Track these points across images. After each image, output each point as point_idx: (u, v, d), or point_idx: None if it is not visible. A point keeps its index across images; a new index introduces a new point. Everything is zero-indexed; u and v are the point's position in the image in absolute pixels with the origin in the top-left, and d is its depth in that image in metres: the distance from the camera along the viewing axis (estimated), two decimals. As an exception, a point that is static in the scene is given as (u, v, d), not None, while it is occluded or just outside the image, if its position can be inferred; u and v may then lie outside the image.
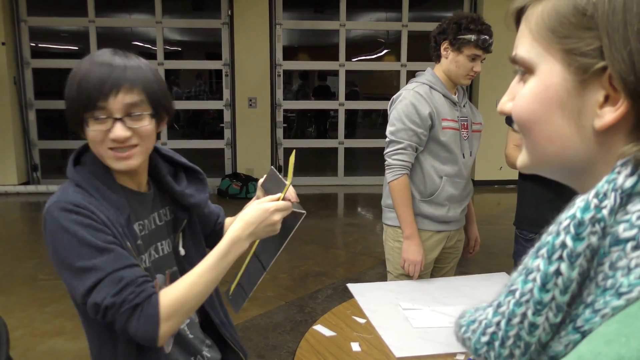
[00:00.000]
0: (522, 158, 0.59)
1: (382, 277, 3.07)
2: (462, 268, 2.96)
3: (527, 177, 2.39)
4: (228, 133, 7.63)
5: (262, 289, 3.82)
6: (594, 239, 0.46)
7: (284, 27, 7.54)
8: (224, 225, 1.51)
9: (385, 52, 10.45)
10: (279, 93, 7.59)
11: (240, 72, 7.33)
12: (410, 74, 2.66)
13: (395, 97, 2.26)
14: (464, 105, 2.29)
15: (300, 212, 1.20)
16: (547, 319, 0.48)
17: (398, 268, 2.26)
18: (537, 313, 0.48)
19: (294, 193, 1.22)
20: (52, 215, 1.09)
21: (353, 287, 2.08)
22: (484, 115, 2.37)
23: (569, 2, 0.50)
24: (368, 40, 10.29)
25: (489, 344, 0.53)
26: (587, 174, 0.51)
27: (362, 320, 1.80)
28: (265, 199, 1.18)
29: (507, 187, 7.29)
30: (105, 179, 1.15)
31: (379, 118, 10.94)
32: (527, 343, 0.50)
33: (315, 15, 8.16)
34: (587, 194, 0.48)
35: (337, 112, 8.04)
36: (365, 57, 10.30)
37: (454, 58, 2.15)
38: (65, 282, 1.10)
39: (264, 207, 1.15)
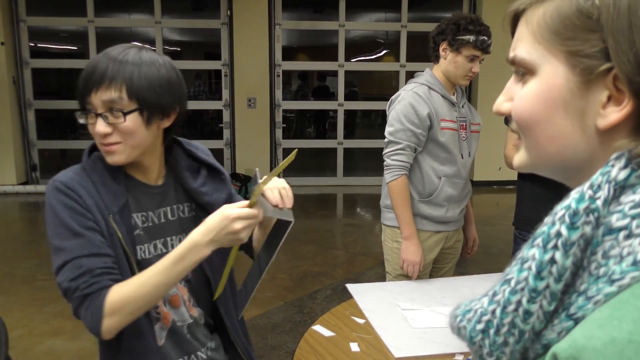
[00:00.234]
0: (520, 157, 0.59)
1: (381, 277, 3.07)
2: (460, 268, 2.97)
3: (526, 177, 2.40)
4: (227, 133, 7.64)
5: (261, 289, 3.81)
6: (588, 229, 0.48)
7: (283, 27, 7.54)
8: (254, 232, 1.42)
9: (385, 52, 10.45)
10: (278, 93, 7.59)
11: (240, 72, 7.33)
12: (410, 75, 2.67)
13: (394, 97, 2.26)
14: (463, 106, 2.29)
15: (287, 220, 1.12)
16: (541, 307, 0.49)
17: (397, 268, 2.26)
18: (531, 301, 0.49)
19: (288, 197, 1.15)
20: (48, 192, 1.16)
21: (352, 287, 2.08)
22: (483, 116, 2.38)
23: (573, 4, 0.51)
24: (367, 41, 10.29)
25: (484, 332, 0.54)
26: (585, 172, 0.52)
27: (361, 321, 1.80)
28: (233, 205, 1.12)
29: (506, 187, 7.30)
30: (112, 167, 1.18)
31: (378, 118, 10.93)
32: (521, 331, 0.51)
33: (315, 16, 8.17)
34: (581, 186, 0.49)
35: (336, 112, 8.04)
36: (365, 57, 10.30)
37: (453, 59, 2.16)
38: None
39: (226, 213, 1.08)
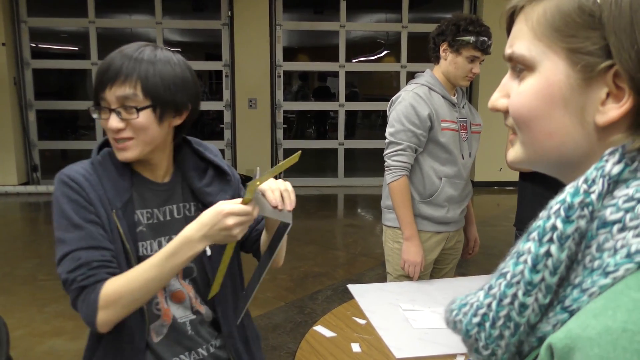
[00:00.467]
0: (515, 153, 0.60)
1: (381, 278, 3.07)
2: (461, 269, 2.97)
3: (527, 178, 2.39)
4: (228, 134, 7.64)
5: (261, 290, 3.81)
6: (583, 223, 0.49)
7: (284, 28, 7.55)
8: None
9: (385, 53, 10.45)
10: (279, 94, 7.60)
11: (240, 73, 7.33)
12: (410, 75, 2.67)
13: (395, 98, 2.26)
14: (463, 107, 2.30)
15: (285, 222, 1.11)
16: (536, 300, 0.50)
17: (398, 269, 2.26)
18: (527, 293, 0.50)
19: (289, 198, 1.13)
20: (55, 184, 1.18)
21: (353, 287, 2.08)
22: (484, 117, 2.38)
23: (574, 2, 0.51)
24: (368, 42, 10.29)
25: (480, 325, 0.54)
26: (581, 168, 0.53)
27: (362, 321, 1.80)
28: (229, 201, 1.11)
29: (506, 188, 7.30)
30: (119, 163, 1.20)
31: (379, 119, 10.93)
32: (516, 324, 0.51)
33: (315, 17, 8.17)
34: (576, 181, 0.50)
35: (337, 113, 8.05)
36: (365, 58, 10.31)
37: (453, 59, 2.16)
38: None
39: (219, 208, 1.07)
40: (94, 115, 1.17)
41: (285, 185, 1.15)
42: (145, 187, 1.24)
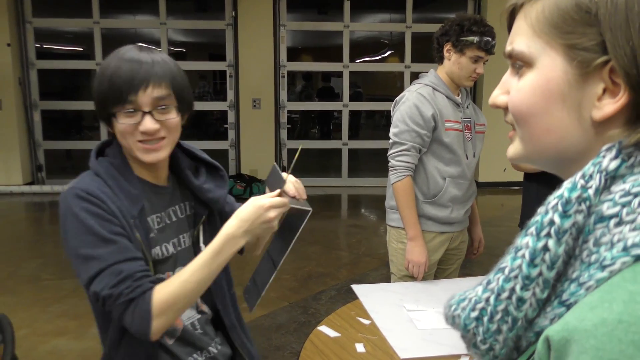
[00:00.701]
0: (514, 149, 0.61)
1: (385, 278, 3.06)
2: (465, 270, 2.96)
3: (531, 178, 2.39)
4: (232, 134, 7.65)
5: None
6: (580, 217, 0.49)
7: (288, 28, 7.55)
8: None
9: (389, 53, 10.44)
10: (283, 94, 7.60)
11: (244, 73, 7.34)
12: (414, 75, 2.67)
13: (399, 98, 2.26)
14: (467, 107, 2.29)
15: (306, 209, 1.17)
16: (534, 295, 0.51)
17: (402, 269, 2.26)
18: (524, 288, 0.51)
19: (302, 189, 1.20)
20: (66, 201, 1.13)
21: (357, 288, 2.08)
22: (488, 117, 2.37)
23: None
24: (372, 42, 10.29)
25: (478, 320, 0.55)
26: (579, 164, 0.53)
27: (366, 322, 1.80)
28: (262, 196, 1.17)
29: (511, 188, 7.28)
30: (123, 171, 1.19)
31: (383, 119, 10.92)
32: (514, 318, 0.52)
33: (319, 17, 8.18)
34: (574, 176, 0.51)
35: (340, 113, 8.04)
36: (369, 58, 10.30)
37: (457, 60, 2.15)
38: (73, 267, 1.14)
39: (259, 203, 1.13)
40: (124, 121, 1.13)
41: (293, 178, 1.21)
42: (151, 192, 1.24)
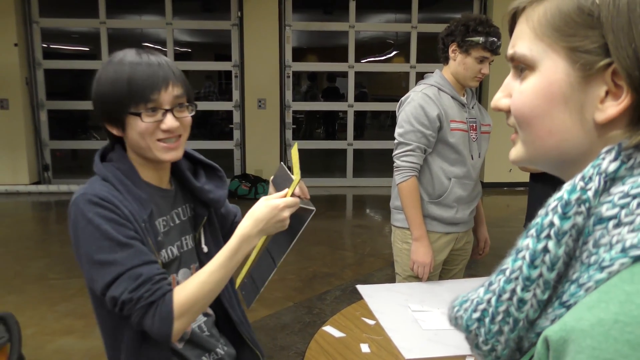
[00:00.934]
0: (517, 151, 0.61)
1: (390, 278, 3.06)
2: (470, 270, 2.95)
3: (537, 178, 2.39)
4: (237, 134, 7.66)
5: (270, 290, 3.83)
6: (580, 219, 0.50)
7: (294, 28, 7.55)
8: None
9: (395, 53, 10.43)
10: (288, 94, 7.60)
11: (250, 73, 7.35)
12: (420, 76, 2.66)
13: (404, 99, 2.26)
14: (473, 107, 2.29)
15: (310, 208, 1.20)
16: (534, 295, 0.51)
17: (407, 270, 2.26)
18: (525, 289, 0.51)
19: (305, 189, 1.23)
20: (77, 207, 1.12)
21: (362, 288, 2.08)
22: (493, 117, 2.37)
23: (573, 2, 0.53)
24: (377, 42, 10.28)
25: (480, 321, 0.55)
26: (581, 166, 0.53)
27: (371, 322, 1.80)
28: (273, 196, 1.19)
29: (516, 189, 7.26)
30: (131, 175, 1.19)
31: (388, 119, 10.91)
32: (515, 319, 0.52)
33: (325, 17, 8.17)
34: (574, 178, 0.51)
35: (346, 113, 8.04)
36: (374, 58, 10.29)
37: (462, 60, 2.15)
38: (85, 272, 1.14)
39: (273, 203, 1.16)
40: (148, 119, 1.14)
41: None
42: (157, 195, 1.25)
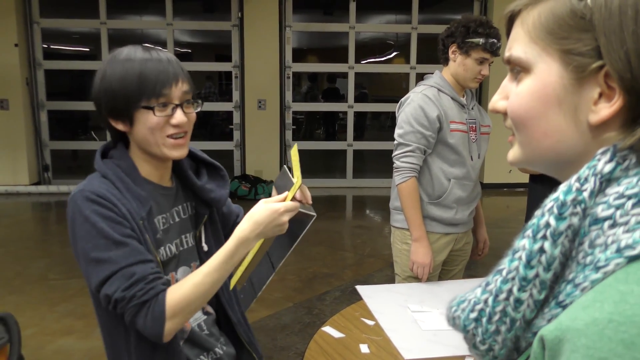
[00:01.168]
0: (514, 153, 0.62)
1: (390, 279, 3.06)
2: (470, 271, 2.96)
3: (536, 179, 2.39)
4: (237, 135, 7.66)
5: (270, 290, 3.83)
6: (575, 220, 0.50)
7: (294, 29, 7.56)
8: None
9: (395, 54, 10.44)
10: (288, 95, 7.61)
11: (250, 74, 7.36)
12: (420, 77, 2.67)
13: (404, 100, 2.26)
14: (473, 108, 2.29)
15: (311, 214, 1.19)
16: (531, 296, 0.52)
17: (406, 270, 2.26)
18: (522, 289, 0.52)
19: (308, 194, 1.22)
20: (75, 203, 1.12)
21: (362, 289, 2.08)
22: (493, 118, 2.37)
23: (566, 6, 0.53)
24: (377, 43, 10.29)
25: (477, 321, 0.56)
26: (577, 167, 0.54)
27: (370, 322, 1.81)
28: (273, 199, 1.19)
29: (516, 190, 7.26)
30: (131, 172, 1.19)
31: (388, 120, 10.92)
32: (512, 319, 0.53)
33: (325, 18, 8.18)
34: (569, 179, 0.52)
35: (346, 114, 8.04)
36: (375, 59, 10.30)
37: (462, 61, 2.15)
38: (81, 269, 1.14)
39: (274, 207, 1.14)
40: (159, 114, 1.14)
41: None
42: (157, 193, 1.25)
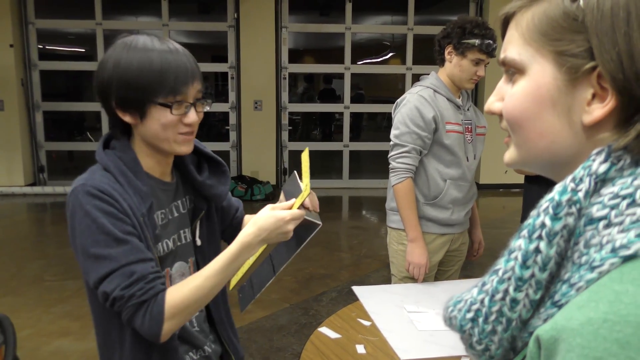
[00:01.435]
0: (510, 154, 0.62)
1: (386, 280, 3.07)
2: (466, 271, 2.96)
3: (532, 180, 2.40)
4: (233, 135, 7.66)
5: (266, 291, 3.81)
6: (571, 220, 0.50)
7: (290, 30, 7.56)
8: (243, 223, 1.49)
9: (391, 55, 10.44)
10: (285, 96, 7.61)
11: (246, 74, 7.35)
12: (416, 78, 2.67)
13: (400, 100, 2.27)
14: (468, 109, 2.30)
15: (316, 222, 1.18)
16: (527, 296, 0.52)
17: (402, 271, 2.27)
18: (518, 289, 0.52)
19: (316, 202, 1.21)
20: (76, 197, 1.10)
21: (358, 289, 2.09)
22: (489, 119, 2.37)
23: (559, 8, 0.54)
24: (373, 44, 10.29)
25: (474, 321, 0.56)
26: (572, 167, 0.54)
27: (367, 323, 1.81)
28: (280, 205, 1.17)
29: (512, 190, 7.28)
30: (133, 166, 1.16)
31: (384, 121, 10.91)
32: (508, 319, 0.53)
33: (321, 19, 8.19)
34: (565, 179, 0.52)
35: (342, 115, 8.05)
36: (371, 60, 10.30)
37: (458, 62, 2.16)
38: (80, 264, 1.12)
39: (279, 215, 1.13)
40: (176, 112, 1.13)
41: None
42: (158, 188, 1.23)
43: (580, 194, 0.50)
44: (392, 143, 2.22)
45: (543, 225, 0.51)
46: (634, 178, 0.49)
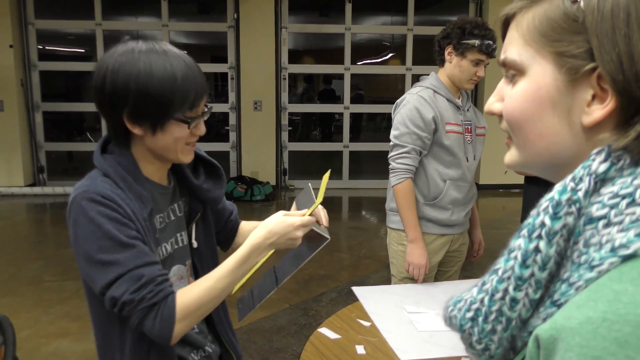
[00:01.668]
0: (510, 155, 0.62)
1: (386, 280, 3.07)
2: (466, 272, 2.96)
3: (532, 181, 2.40)
4: (233, 136, 7.66)
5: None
6: (570, 219, 0.51)
7: (290, 30, 7.56)
8: (240, 228, 1.50)
9: (391, 55, 10.45)
10: (284, 96, 7.61)
11: (246, 75, 7.35)
12: (415, 78, 2.68)
13: (399, 101, 2.27)
14: (468, 110, 2.30)
15: (325, 236, 1.20)
16: (527, 295, 0.52)
17: (402, 271, 2.27)
18: (517, 288, 0.52)
19: (326, 217, 1.24)
20: (78, 204, 1.08)
21: (358, 290, 2.08)
22: (488, 120, 2.37)
23: (560, 9, 0.54)
24: (373, 44, 10.30)
25: (473, 320, 0.56)
26: (572, 168, 0.54)
27: (367, 324, 1.81)
28: (292, 213, 1.21)
29: (512, 191, 7.28)
30: (133, 171, 1.15)
31: (384, 122, 10.92)
32: (508, 318, 0.53)
33: (321, 19, 8.19)
34: (565, 179, 0.52)
35: (342, 115, 8.05)
36: (370, 60, 10.31)
37: (458, 63, 2.16)
38: (83, 271, 1.11)
39: (290, 220, 1.17)
40: (192, 126, 1.14)
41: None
42: (157, 192, 1.23)
43: (580, 194, 0.51)
44: (391, 143, 2.22)
45: (543, 225, 0.51)
46: (634, 178, 0.49)
